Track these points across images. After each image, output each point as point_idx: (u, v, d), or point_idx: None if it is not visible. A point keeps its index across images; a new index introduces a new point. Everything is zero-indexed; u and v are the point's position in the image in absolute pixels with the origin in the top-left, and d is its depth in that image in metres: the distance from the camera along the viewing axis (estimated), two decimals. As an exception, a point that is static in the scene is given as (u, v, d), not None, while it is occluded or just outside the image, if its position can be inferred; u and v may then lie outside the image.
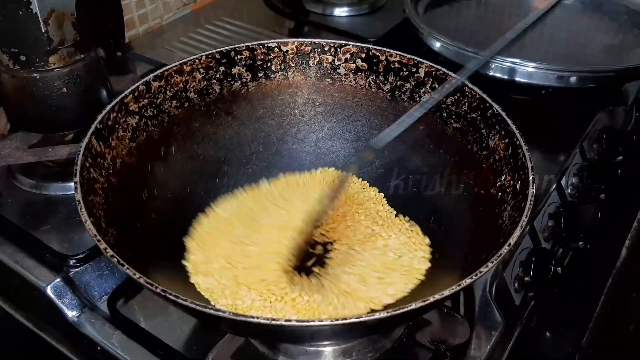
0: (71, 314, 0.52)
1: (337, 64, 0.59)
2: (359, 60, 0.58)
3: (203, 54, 0.56)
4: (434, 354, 0.49)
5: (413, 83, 0.57)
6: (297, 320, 0.35)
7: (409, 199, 0.57)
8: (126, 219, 0.47)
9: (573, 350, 0.63)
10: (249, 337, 0.49)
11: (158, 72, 0.53)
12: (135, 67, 0.80)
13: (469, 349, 0.50)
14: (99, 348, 0.51)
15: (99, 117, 0.48)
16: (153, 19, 0.94)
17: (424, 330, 0.50)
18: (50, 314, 0.53)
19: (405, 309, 0.36)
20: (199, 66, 0.56)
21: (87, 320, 0.52)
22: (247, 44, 0.57)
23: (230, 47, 0.57)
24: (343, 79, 0.60)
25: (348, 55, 0.59)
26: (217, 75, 0.57)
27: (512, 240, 0.40)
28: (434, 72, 0.55)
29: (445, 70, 0.55)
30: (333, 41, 0.59)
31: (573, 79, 0.72)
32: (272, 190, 0.58)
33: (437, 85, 0.55)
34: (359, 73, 0.59)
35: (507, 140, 0.49)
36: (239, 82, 0.58)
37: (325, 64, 0.59)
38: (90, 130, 0.47)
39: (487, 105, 0.51)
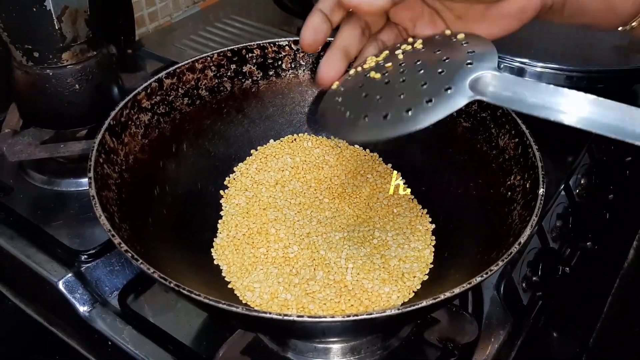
0: (82, 309, 0.53)
1: (347, 62, 0.59)
2: (369, 59, 0.59)
3: (215, 51, 0.56)
4: (442, 352, 0.49)
5: (423, 82, 0.57)
6: (308, 316, 0.35)
7: (418, 197, 0.57)
8: (138, 215, 0.47)
9: (580, 350, 0.63)
10: (260, 333, 0.49)
11: (170, 69, 0.54)
12: (145, 65, 0.81)
13: (477, 348, 0.51)
14: (109, 343, 0.51)
15: (112, 114, 0.48)
16: (163, 17, 0.95)
17: (432, 328, 0.50)
18: (62, 308, 0.54)
19: (416, 307, 0.36)
20: (211, 64, 0.56)
21: (98, 315, 0.53)
22: (258, 42, 0.58)
23: (242, 45, 0.57)
24: (353, 77, 0.60)
25: (358, 54, 0.59)
26: (229, 73, 0.57)
27: (523, 238, 0.40)
28: (444, 72, 0.56)
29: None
30: (343, 40, 0.59)
31: (582, 79, 0.72)
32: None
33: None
34: (369, 72, 0.59)
35: (516, 139, 0.49)
36: (250, 80, 0.59)
37: (335, 63, 0.59)
38: (104, 127, 0.47)
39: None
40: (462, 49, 0.39)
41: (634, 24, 0.42)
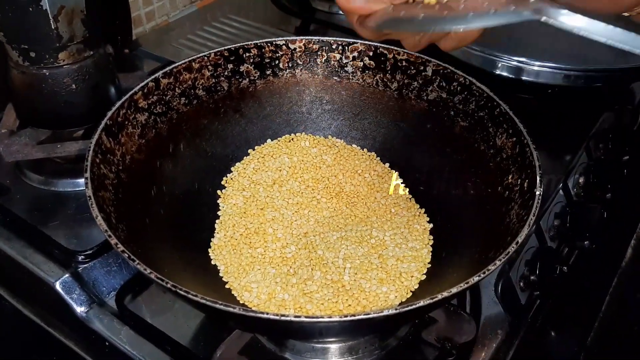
0: (80, 309, 0.53)
1: (344, 62, 0.59)
2: (366, 58, 0.59)
3: (212, 51, 0.56)
4: (440, 352, 0.49)
5: (420, 81, 0.57)
6: (306, 317, 0.35)
7: (416, 197, 0.57)
8: (135, 215, 0.47)
9: (578, 349, 0.63)
10: (257, 334, 0.49)
11: (167, 69, 0.54)
12: (142, 64, 0.80)
13: (474, 347, 0.51)
14: (107, 343, 0.51)
15: (109, 114, 0.48)
16: (160, 16, 0.95)
17: (430, 328, 0.50)
18: (59, 309, 0.53)
19: (414, 306, 0.36)
20: (208, 63, 0.56)
21: (95, 316, 0.53)
22: (255, 41, 0.58)
23: (239, 44, 0.57)
24: (350, 77, 0.60)
25: (356, 53, 0.59)
26: (226, 73, 0.57)
27: (520, 238, 0.40)
28: (441, 71, 0.56)
29: (453, 69, 0.55)
30: (341, 39, 0.59)
31: (579, 78, 0.72)
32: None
33: (444, 84, 0.55)
34: (367, 71, 0.59)
35: (514, 139, 0.49)
36: (247, 79, 0.59)
37: (332, 62, 0.59)
38: (100, 127, 0.47)
39: (495, 103, 0.51)
40: None
41: (638, 10, 0.42)
